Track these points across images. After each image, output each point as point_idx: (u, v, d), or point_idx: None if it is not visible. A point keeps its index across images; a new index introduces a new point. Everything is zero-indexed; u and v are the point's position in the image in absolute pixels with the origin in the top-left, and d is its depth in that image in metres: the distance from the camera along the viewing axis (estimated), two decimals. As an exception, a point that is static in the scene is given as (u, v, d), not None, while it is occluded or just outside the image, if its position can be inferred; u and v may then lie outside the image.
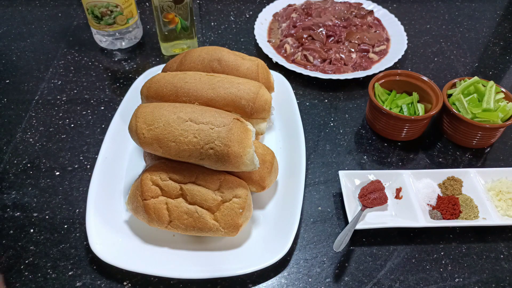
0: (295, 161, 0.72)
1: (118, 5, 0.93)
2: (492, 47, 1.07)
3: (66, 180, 0.73)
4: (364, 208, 0.67)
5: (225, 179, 0.60)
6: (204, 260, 0.60)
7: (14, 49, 1.02)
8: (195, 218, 0.59)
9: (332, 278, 0.61)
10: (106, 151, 0.72)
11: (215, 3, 1.20)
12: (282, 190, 0.69)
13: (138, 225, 0.64)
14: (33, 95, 0.90)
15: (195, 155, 0.58)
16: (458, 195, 0.70)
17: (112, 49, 1.01)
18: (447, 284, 0.61)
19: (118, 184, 0.69)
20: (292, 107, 0.81)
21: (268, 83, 0.77)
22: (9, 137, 0.81)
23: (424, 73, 0.98)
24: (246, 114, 0.70)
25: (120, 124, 0.77)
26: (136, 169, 0.72)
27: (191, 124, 0.59)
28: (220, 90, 0.68)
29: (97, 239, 0.60)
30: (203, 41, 1.06)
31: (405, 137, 0.80)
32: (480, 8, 1.21)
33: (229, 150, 0.57)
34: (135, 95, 0.82)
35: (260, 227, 0.65)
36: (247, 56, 0.77)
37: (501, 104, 0.77)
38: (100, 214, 0.63)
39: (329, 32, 1.01)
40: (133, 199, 0.61)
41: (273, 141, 0.78)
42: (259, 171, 0.64)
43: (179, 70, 0.77)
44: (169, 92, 0.69)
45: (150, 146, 0.60)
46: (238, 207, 0.59)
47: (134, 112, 0.62)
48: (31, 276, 0.60)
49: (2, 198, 0.70)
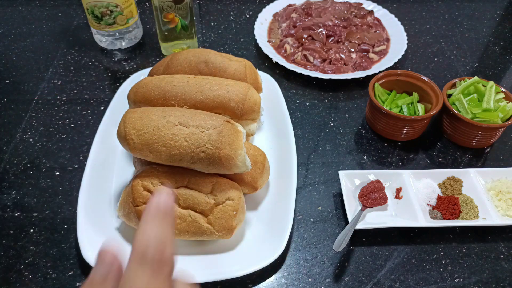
0: (286, 160, 0.72)
1: (118, 5, 0.93)
2: (492, 47, 1.07)
3: (66, 180, 0.73)
4: (364, 208, 0.67)
5: (217, 181, 0.60)
6: (199, 264, 0.60)
7: (14, 49, 1.02)
8: (188, 222, 0.58)
9: (332, 278, 0.61)
10: (95, 157, 0.71)
11: (215, 3, 1.20)
12: (274, 190, 0.69)
13: (130, 232, 0.63)
14: (33, 95, 0.90)
15: (187, 159, 0.58)
16: (458, 195, 0.70)
17: (112, 49, 1.01)
18: (447, 284, 0.61)
19: (108, 191, 0.69)
20: (281, 106, 0.81)
21: (256, 84, 0.77)
22: (9, 137, 0.81)
23: (424, 73, 0.98)
24: (236, 115, 0.69)
25: (108, 130, 0.76)
26: (126, 175, 0.71)
27: (181, 128, 0.58)
28: (208, 92, 0.68)
29: (88, 246, 0.59)
30: (203, 41, 1.06)
31: (405, 137, 0.80)
32: (480, 8, 1.21)
33: (220, 152, 0.57)
34: (123, 98, 0.81)
35: (254, 228, 0.64)
36: (234, 57, 0.77)
37: (501, 104, 0.77)
38: (91, 221, 0.62)
39: (329, 32, 1.01)
40: (124, 206, 0.60)
41: (263, 142, 0.78)
42: (251, 172, 0.64)
43: (166, 73, 0.76)
44: (157, 96, 0.69)
45: (140, 151, 0.59)
46: (232, 210, 0.58)
47: (122, 118, 0.61)
48: (31, 276, 0.60)
49: (2, 198, 0.70)
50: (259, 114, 0.72)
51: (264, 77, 0.87)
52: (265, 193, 0.69)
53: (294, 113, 0.87)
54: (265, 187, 0.70)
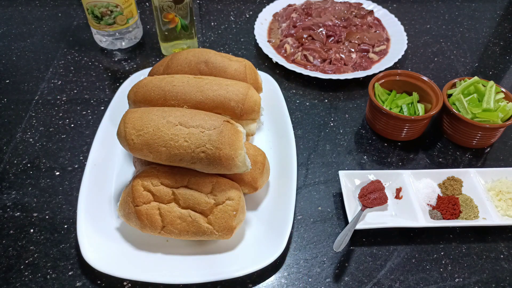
0: (286, 160, 0.72)
1: (118, 5, 0.93)
2: (492, 47, 1.07)
3: (66, 180, 0.73)
4: (364, 208, 0.67)
5: (217, 181, 0.60)
6: (199, 264, 0.60)
7: (14, 49, 1.02)
8: (188, 222, 0.58)
9: (332, 278, 0.61)
10: (95, 157, 0.71)
11: (215, 3, 1.20)
12: (274, 190, 0.69)
13: (130, 232, 0.63)
14: (33, 95, 0.90)
15: (187, 159, 0.58)
16: (458, 195, 0.70)
17: (112, 49, 1.01)
18: (447, 284, 0.61)
19: (108, 191, 0.69)
20: (281, 106, 0.81)
21: (256, 84, 0.77)
22: (9, 137, 0.81)
23: (424, 73, 0.98)
24: (236, 115, 0.69)
25: (108, 130, 0.76)
26: (126, 175, 0.72)
27: (181, 128, 0.58)
28: (208, 92, 0.68)
29: (88, 246, 0.59)
30: (203, 41, 1.06)
31: (405, 137, 0.80)
32: (480, 8, 1.21)
33: (220, 153, 0.57)
34: (123, 98, 0.81)
35: (254, 229, 0.65)
36: (234, 57, 0.77)
37: (501, 104, 0.77)
38: (91, 221, 0.63)
39: (329, 32, 1.01)
40: (124, 206, 0.60)
41: (263, 142, 0.78)
42: (251, 172, 0.64)
43: (166, 73, 0.76)
44: (157, 96, 0.69)
45: (140, 151, 0.59)
46: (232, 210, 0.58)
47: (122, 118, 0.61)
48: (31, 276, 0.60)
49: (2, 198, 0.70)
50: (259, 114, 0.72)
51: (264, 77, 0.87)
52: (265, 193, 0.69)
53: (294, 113, 0.87)
54: (265, 187, 0.70)
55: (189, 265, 0.59)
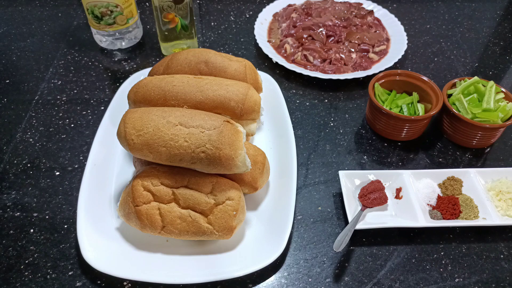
0: (287, 160, 0.72)
1: (118, 5, 0.93)
2: (492, 47, 1.07)
3: (66, 180, 0.73)
4: (364, 208, 0.67)
5: (217, 181, 0.60)
6: (199, 264, 0.60)
7: (14, 49, 1.02)
8: (188, 222, 0.58)
9: (332, 278, 0.61)
10: (95, 157, 0.71)
11: (215, 3, 1.20)
12: (274, 190, 0.69)
13: (130, 232, 0.63)
14: (33, 95, 0.90)
15: (187, 159, 0.58)
16: (458, 195, 0.70)
17: (112, 49, 1.01)
18: (447, 284, 0.61)
19: (108, 191, 0.69)
20: (281, 106, 0.81)
21: (256, 84, 0.77)
22: (9, 137, 0.81)
23: (424, 73, 0.98)
24: (236, 115, 0.69)
25: (108, 130, 0.76)
26: (126, 175, 0.72)
27: (181, 128, 0.58)
28: (208, 92, 0.68)
29: (88, 246, 0.59)
30: (203, 41, 1.06)
31: (405, 137, 0.80)
32: (480, 8, 1.21)
33: (220, 153, 0.57)
34: (123, 98, 0.81)
35: (254, 229, 0.65)
36: (234, 57, 0.77)
37: (501, 104, 0.77)
38: (91, 221, 0.63)
39: (329, 32, 1.01)
40: (124, 206, 0.60)
41: (263, 142, 0.78)
42: (251, 172, 0.64)
43: (166, 73, 0.76)
44: (157, 96, 0.69)
45: (140, 151, 0.59)
46: (232, 210, 0.58)
47: (122, 118, 0.61)
48: (31, 276, 0.60)
49: (2, 198, 0.70)
50: (259, 114, 0.72)
51: (264, 77, 0.87)
52: (265, 193, 0.69)
53: (294, 113, 0.87)
54: (265, 187, 0.70)
55: (189, 265, 0.59)
